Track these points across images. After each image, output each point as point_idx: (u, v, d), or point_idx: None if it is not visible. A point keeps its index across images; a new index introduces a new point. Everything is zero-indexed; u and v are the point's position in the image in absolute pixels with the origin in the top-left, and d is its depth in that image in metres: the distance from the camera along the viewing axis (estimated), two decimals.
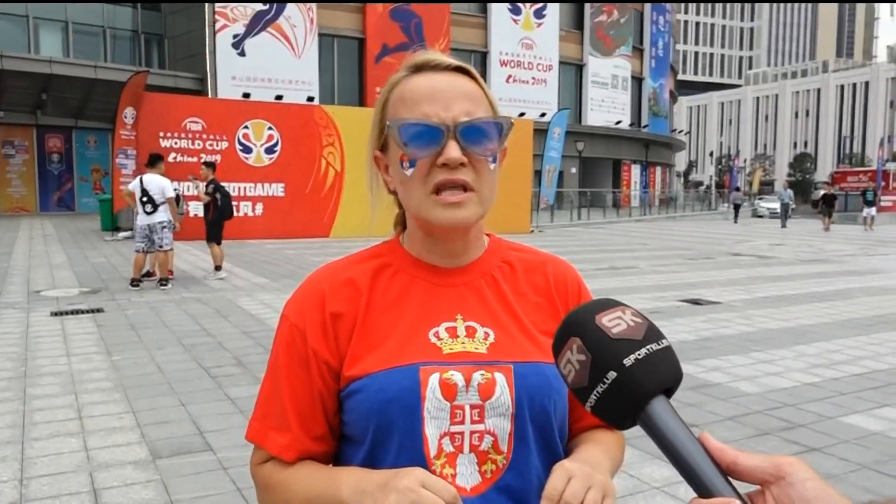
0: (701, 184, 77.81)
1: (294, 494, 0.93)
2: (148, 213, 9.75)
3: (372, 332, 0.96)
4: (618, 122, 39.79)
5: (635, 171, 42.39)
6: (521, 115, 30.60)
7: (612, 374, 0.67)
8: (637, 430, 0.70)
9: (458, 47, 32.84)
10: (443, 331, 0.96)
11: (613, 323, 0.69)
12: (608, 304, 0.72)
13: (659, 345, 0.69)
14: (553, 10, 36.04)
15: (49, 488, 3.44)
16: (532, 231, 22.08)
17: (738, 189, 39.70)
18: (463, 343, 0.96)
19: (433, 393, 0.91)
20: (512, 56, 34.76)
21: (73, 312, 7.90)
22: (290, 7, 28.30)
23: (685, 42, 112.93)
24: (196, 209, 13.96)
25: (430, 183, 0.92)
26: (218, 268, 10.86)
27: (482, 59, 34.35)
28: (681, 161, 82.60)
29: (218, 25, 26.83)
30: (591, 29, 38.61)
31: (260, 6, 27.51)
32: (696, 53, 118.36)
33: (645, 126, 42.75)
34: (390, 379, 0.92)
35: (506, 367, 0.94)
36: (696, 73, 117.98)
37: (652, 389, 0.67)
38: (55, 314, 7.84)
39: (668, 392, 0.69)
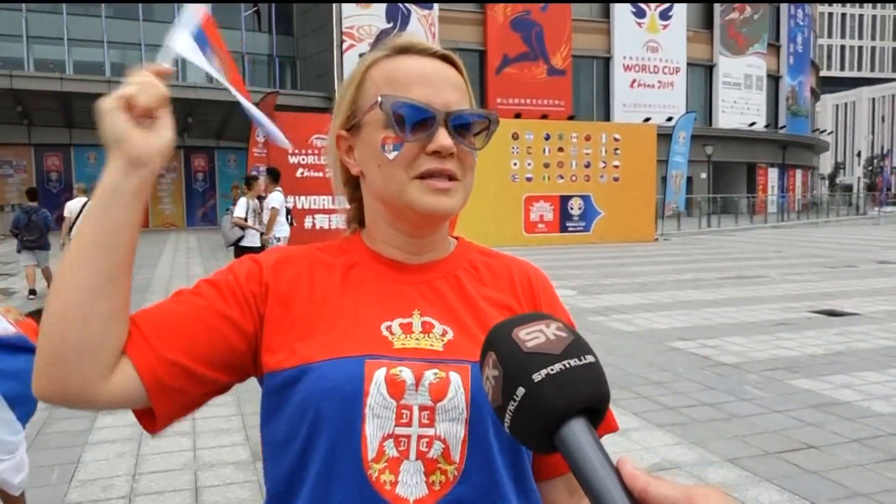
0: (850, 187, 71.91)
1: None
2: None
3: (313, 322, 0.89)
4: (752, 124, 37.70)
5: (772, 174, 39.95)
6: (646, 120, 29.70)
7: (520, 391, 0.62)
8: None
9: (579, 54, 32.45)
10: (396, 326, 0.89)
11: (530, 336, 0.64)
12: (533, 318, 0.67)
13: (580, 361, 0.63)
14: (680, 10, 34.75)
15: (156, 484, 3.68)
16: (656, 239, 21.29)
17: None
18: (417, 339, 0.88)
19: (377, 388, 0.83)
20: (636, 60, 33.83)
21: None
22: (413, 24, 29.04)
23: (830, 36, 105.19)
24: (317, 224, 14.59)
25: (416, 169, 0.88)
26: None
27: (605, 64, 33.70)
28: (826, 163, 77.08)
29: (345, 45, 27.96)
30: (722, 28, 36.88)
31: (384, 25, 28.42)
32: (843, 47, 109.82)
33: (782, 127, 40.27)
34: (331, 369, 0.84)
35: (462, 366, 0.86)
36: (842, 68, 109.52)
37: (564, 409, 0.60)
38: None
39: (593, 413, 0.63)
